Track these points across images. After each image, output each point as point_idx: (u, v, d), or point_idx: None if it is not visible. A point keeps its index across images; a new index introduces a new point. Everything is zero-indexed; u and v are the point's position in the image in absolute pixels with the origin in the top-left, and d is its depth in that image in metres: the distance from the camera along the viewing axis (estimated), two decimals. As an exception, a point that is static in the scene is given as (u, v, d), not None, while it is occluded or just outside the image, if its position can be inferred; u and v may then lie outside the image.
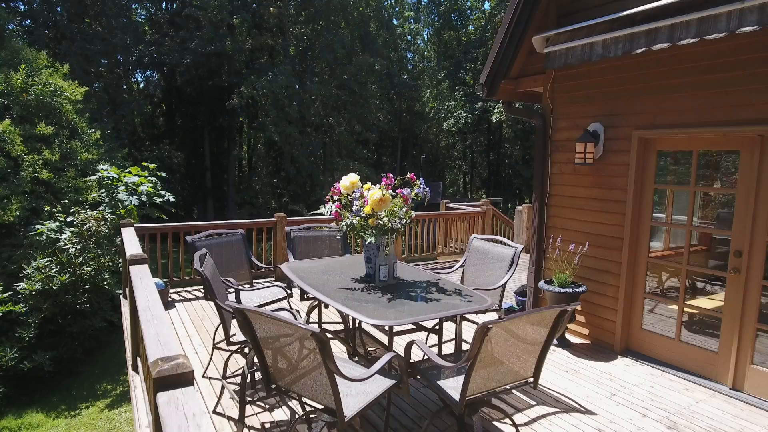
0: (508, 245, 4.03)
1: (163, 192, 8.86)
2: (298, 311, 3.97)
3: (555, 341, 4.87)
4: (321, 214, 3.47)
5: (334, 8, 23.89)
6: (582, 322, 5.05)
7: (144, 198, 8.39)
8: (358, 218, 3.23)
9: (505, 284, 3.86)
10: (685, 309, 4.34)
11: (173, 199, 9.08)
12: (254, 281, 6.89)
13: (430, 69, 33.89)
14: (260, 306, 4.06)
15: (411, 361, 2.90)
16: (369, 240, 3.14)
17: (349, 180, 3.32)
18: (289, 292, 4.20)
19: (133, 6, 24.20)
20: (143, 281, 3.69)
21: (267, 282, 7.08)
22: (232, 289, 3.88)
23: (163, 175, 9.57)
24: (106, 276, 8.74)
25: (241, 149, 28.61)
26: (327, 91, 23.15)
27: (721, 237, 4.19)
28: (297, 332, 2.07)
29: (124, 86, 24.24)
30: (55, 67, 12.06)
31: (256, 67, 22.71)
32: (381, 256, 3.30)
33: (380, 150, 34.10)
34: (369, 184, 3.35)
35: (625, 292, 4.63)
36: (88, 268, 8.44)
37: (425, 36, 35.45)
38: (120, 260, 7.79)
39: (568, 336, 5.02)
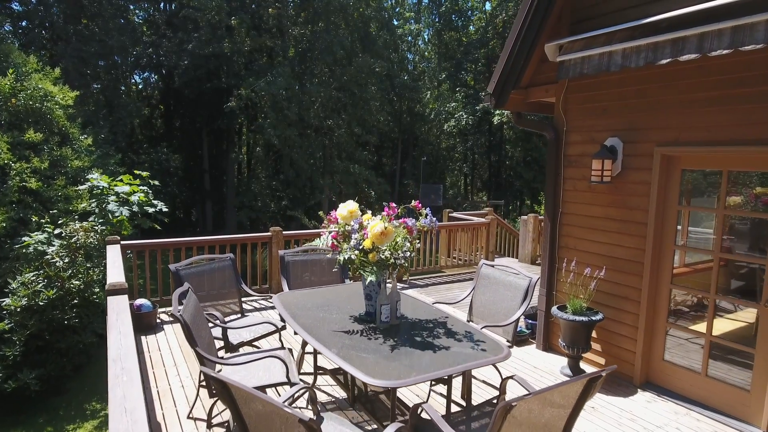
0: (522, 275, 3.69)
1: (155, 201, 8.51)
2: (290, 350, 3.63)
3: (570, 372, 4.54)
4: (317, 247, 3.12)
5: (334, 9, 23.48)
6: (598, 350, 4.71)
7: (135, 208, 8.05)
8: (357, 252, 2.89)
9: (518, 318, 3.53)
10: (712, 339, 4.00)
11: (166, 209, 8.74)
12: (250, 300, 6.58)
13: (430, 70, 33.47)
14: (251, 341, 3.72)
15: (417, 415, 2.56)
16: (369, 279, 2.79)
17: (347, 209, 2.97)
18: (282, 324, 3.86)
19: (131, 7, 23.81)
20: (120, 317, 3.36)
21: (262, 300, 6.74)
22: (220, 323, 3.54)
23: (156, 183, 9.22)
24: (96, 289, 8.39)
25: (239, 152, 28.23)
26: (327, 92, 22.75)
27: (740, 248, 3.86)
28: (284, 414, 1.73)
29: (123, 88, 23.88)
30: (46, 71, 11.69)
31: (255, 68, 22.32)
32: (383, 294, 2.95)
33: (380, 152, 33.70)
34: (369, 213, 3.01)
35: (646, 321, 4.29)
36: (77, 282, 8.08)
37: (426, 37, 35.03)
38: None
39: (583, 366, 4.68)
